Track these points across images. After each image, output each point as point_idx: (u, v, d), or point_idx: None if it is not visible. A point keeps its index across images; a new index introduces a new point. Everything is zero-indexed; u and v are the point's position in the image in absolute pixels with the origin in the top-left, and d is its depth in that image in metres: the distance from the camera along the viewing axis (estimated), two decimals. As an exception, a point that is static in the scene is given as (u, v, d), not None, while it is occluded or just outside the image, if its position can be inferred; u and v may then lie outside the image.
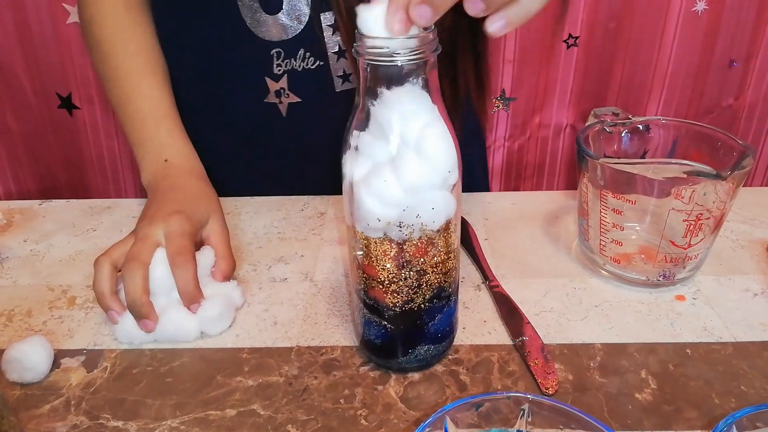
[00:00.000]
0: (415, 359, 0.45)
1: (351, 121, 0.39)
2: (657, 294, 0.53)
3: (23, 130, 1.16)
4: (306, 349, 0.48)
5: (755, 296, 0.53)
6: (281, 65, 0.64)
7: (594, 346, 0.47)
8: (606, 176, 0.51)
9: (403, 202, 0.38)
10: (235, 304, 0.51)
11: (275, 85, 0.66)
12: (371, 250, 0.41)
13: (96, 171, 1.20)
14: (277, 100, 0.67)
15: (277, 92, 0.66)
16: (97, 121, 1.14)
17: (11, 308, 0.53)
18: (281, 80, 0.65)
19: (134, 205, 0.69)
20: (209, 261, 0.52)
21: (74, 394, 0.44)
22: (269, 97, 0.67)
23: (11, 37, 1.06)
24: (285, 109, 0.67)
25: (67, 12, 1.03)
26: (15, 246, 0.62)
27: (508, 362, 0.46)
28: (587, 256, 0.57)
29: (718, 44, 1.09)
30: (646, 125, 0.57)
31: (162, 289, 0.49)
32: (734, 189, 0.49)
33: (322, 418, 0.42)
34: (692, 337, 0.48)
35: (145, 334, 0.48)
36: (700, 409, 0.42)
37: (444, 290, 0.43)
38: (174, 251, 0.49)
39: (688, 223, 0.50)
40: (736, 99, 1.16)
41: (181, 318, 0.48)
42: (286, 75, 0.65)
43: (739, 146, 0.51)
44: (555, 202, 0.67)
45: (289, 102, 0.67)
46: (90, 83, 1.10)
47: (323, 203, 0.68)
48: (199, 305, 0.49)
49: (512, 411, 0.35)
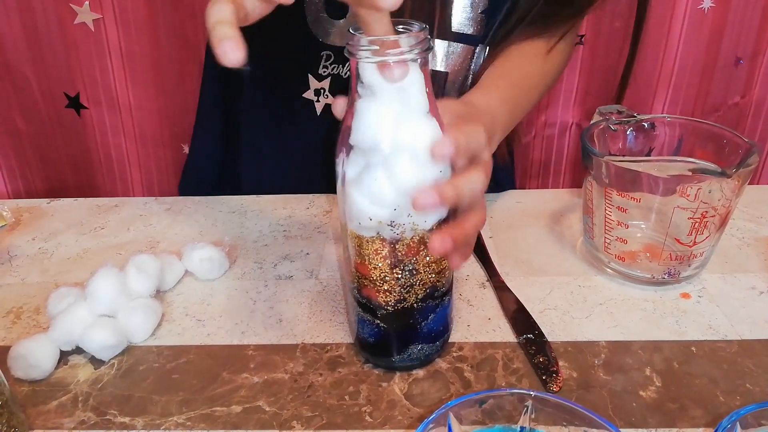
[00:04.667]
0: (408, 358, 0.45)
1: (344, 119, 0.39)
2: (662, 292, 0.53)
3: (31, 130, 1.16)
4: (311, 346, 0.48)
5: (761, 294, 0.52)
6: (327, 67, 0.66)
7: (599, 343, 0.47)
8: (611, 174, 0.51)
9: (394, 202, 0.38)
10: (157, 314, 0.51)
11: (317, 84, 0.67)
12: (363, 249, 0.41)
13: (103, 170, 1.21)
14: (315, 98, 0.68)
15: (316, 91, 0.67)
16: (104, 120, 1.15)
17: (20, 305, 0.54)
18: (324, 81, 0.66)
19: (141, 204, 0.69)
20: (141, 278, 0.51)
21: (81, 391, 0.45)
22: (308, 94, 0.68)
23: (19, 38, 1.06)
24: (320, 108, 0.68)
25: (75, 13, 1.03)
26: (23, 244, 0.63)
27: (513, 359, 0.46)
28: (592, 254, 0.57)
29: (725, 42, 1.08)
30: (651, 123, 0.57)
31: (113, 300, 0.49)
32: (740, 186, 0.49)
33: (327, 414, 0.42)
34: (697, 335, 0.48)
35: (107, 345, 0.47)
36: (705, 407, 0.42)
37: (437, 290, 0.43)
38: None
39: (693, 221, 0.50)
40: (743, 97, 1.15)
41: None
42: (330, 78, 0.66)
43: (744, 144, 0.51)
44: (560, 200, 0.67)
45: (326, 102, 0.68)
46: (98, 83, 1.11)
47: (329, 201, 0.68)
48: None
49: (516, 408, 0.35)
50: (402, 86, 0.37)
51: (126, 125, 1.15)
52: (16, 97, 1.12)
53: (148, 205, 0.69)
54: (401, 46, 0.36)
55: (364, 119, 0.38)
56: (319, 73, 0.66)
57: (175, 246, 0.61)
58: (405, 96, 0.37)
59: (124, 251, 0.61)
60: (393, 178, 0.38)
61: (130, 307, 0.49)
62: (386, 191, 0.38)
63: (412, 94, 0.38)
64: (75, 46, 1.06)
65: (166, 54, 1.06)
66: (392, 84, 0.37)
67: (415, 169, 0.38)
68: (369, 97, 0.38)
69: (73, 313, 0.48)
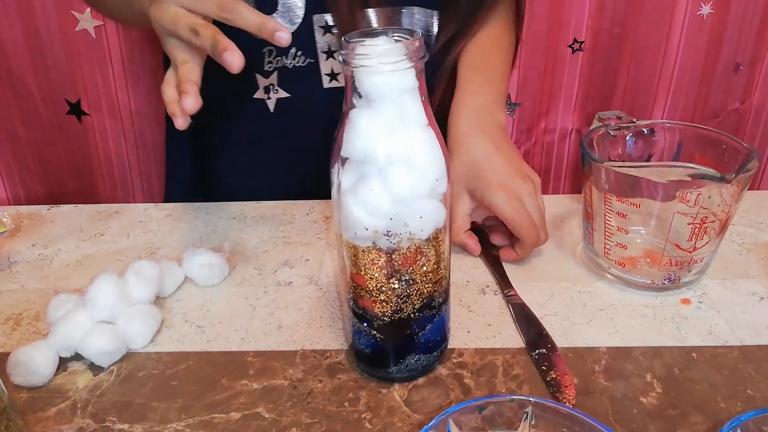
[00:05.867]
0: (405, 369, 0.44)
1: (339, 128, 0.39)
2: (662, 297, 0.53)
3: (32, 136, 1.17)
4: (311, 352, 0.48)
5: (761, 300, 0.52)
6: (272, 62, 0.67)
7: (599, 349, 0.47)
8: (610, 180, 0.51)
9: (390, 211, 0.38)
10: (156, 321, 0.51)
11: (265, 81, 0.68)
12: (359, 259, 0.41)
13: (104, 176, 1.21)
14: (266, 95, 0.69)
15: (266, 88, 0.68)
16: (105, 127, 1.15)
17: (19, 312, 0.54)
18: (271, 77, 0.67)
19: (141, 210, 0.69)
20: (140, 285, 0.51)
21: (80, 397, 0.44)
22: (258, 93, 0.69)
23: (20, 45, 1.07)
24: (273, 104, 0.69)
25: (76, 20, 1.04)
26: (23, 250, 0.63)
27: (513, 365, 0.46)
28: (592, 259, 0.57)
29: (724, 48, 1.09)
30: (650, 129, 0.57)
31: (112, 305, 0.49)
32: (739, 192, 0.49)
33: (327, 421, 0.42)
34: (698, 340, 0.48)
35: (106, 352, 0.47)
36: (706, 413, 0.42)
37: (434, 299, 0.43)
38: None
39: (693, 226, 0.50)
40: (742, 103, 1.15)
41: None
42: (276, 72, 0.67)
43: (743, 149, 0.51)
44: (560, 206, 0.67)
45: (277, 98, 0.69)
46: (99, 90, 1.11)
47: (328, 208, 0.68)
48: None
49: (516, 414, 0.35)
50: (398, 95, 0.37)
51: (127, 131, 1.15)
52: (17, 103, 1.12)
53: (148, 211, 0.69)
54: (397, 53, 0.36)
55: (358, 129, 0.38)
56: (265, 70, 0.67)
57: (174, 252, 0.61)
58: (401, 104, 0.37)
59: (124, 257, 0.61)
60: (389, 187, 0.38)
61: (130, 313, 0.49)
62: (382, 201, 0.38)
63: (407, 102, 0.38)
64: (76, 53, 1.07)
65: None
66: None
67: (411, 178, 0.38)
68: (364, 106, 0.38)
69: (72, 319, 0.48)
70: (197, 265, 0.56)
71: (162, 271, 0.54)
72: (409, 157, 0.38)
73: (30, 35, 1.06)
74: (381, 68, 0.36)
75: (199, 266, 0.56)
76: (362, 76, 0.37)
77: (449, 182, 0.41)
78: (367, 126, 0.37)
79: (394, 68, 0.36)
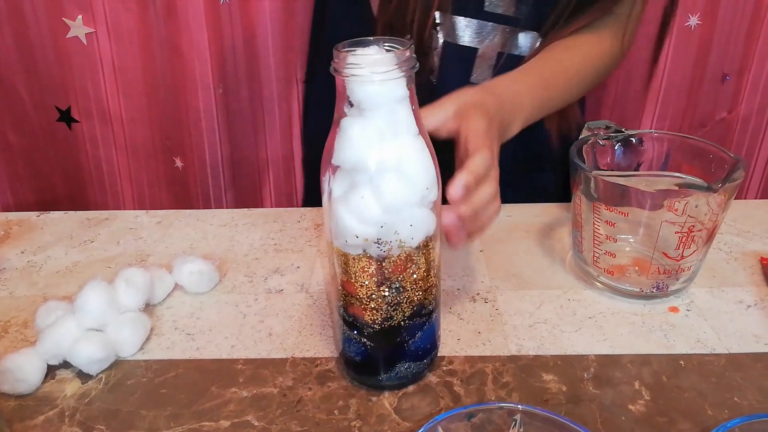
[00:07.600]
0: (396, 377, 0.44)
1: (330, 136, 0.39)
2: (650, 306, 0.53)
3: (22, 143, 1.16)
4: (301, 360, 0.48)
5: (748, 308, 0.53)
6: None
7: (588, 357, 0.48)
8: (599, 189, 0.52)
9: (381, 219, 0.38)
10: (146, 328, 0.51)
11: None
12: (350, 266, 0.41)
13: (94, 183, 1.20)
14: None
15: None
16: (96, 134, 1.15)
17: (7, 319, 0.53)
18: None
19: (131, 217, 0.69)
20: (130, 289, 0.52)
21: (69, 405, 0.44)
22: None
23: (11, 51, 1.06)
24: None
25: (68, 27, 1.04)
26: (12, 257, 0.62)
27: (502, 373, 0.46)
28: (581, 267, 0.57)
29: (711, 58, 1.10)
30: (639, 138, 0.57)
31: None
32: (726, 201, 0.50)
33: (316, 429, 0.42)
34: (686, 348, 0.48)
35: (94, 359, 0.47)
36: (694, 420, 0.42)
37: (425, 307, 0.43)
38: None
39: (680, 235, 0.50)
40: (730, 112, 1.17)
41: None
42: None
43: (730, 159, 0.51)
44: (549, 215, 0.67)
45: None
46: (89, 97, 1.11)
47: (319, 215, 0.68)
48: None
49: (505, 421, 0.35)
50: (389, 104, 0.37)
51: (117, 138, 1.15)
52: (8, 110, 1.12)
53: (139, 218, 0.69)
54: (388, 63, 0.36)
55: (349, 137, 0.38)
56: None
57: (165, 259, 0.60)
58: (392, 113, 0.38)
59: (114, 264, 0.61)
60: (380, 196, 0.38)
61: (119, 320, 0.49)
62: (373, 209, 0.38)
63: (399, 111, 0.38)
64: (67, 59, 1.07)
65: (158, 67, 1.06)
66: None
67: (402, 186, 0.38)
68: (355, 115, 0.38)
69: (61, 326, 0.47)
70: (187, 272, 0.56)
71: (152, 278, 0.54)
72: (400, 165, 0.38)
73: (21, 42, 1.06)
74: (372, 77, 0.36)
75: (190, 273, 0.56)
76: (354, 85, 0.37)
77: (439, 191, 0.41)
78: (358, 134, 0.38)
79: (385, 77, 0.36)
